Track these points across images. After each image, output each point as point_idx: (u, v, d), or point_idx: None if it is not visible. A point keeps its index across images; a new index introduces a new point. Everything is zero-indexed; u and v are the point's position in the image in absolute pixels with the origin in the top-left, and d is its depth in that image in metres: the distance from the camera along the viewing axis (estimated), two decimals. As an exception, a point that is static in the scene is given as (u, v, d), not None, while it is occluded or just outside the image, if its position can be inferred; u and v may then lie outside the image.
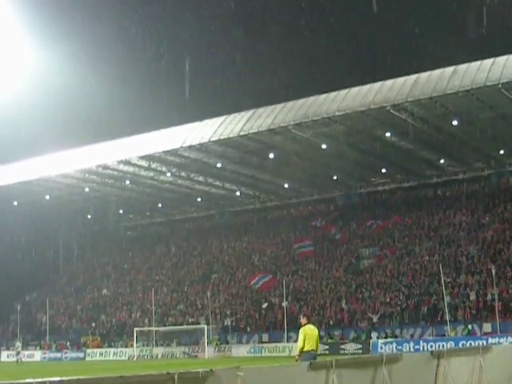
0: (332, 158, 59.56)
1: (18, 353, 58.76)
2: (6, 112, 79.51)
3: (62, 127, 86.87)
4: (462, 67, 46.25)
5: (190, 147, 56.75)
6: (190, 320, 62.76)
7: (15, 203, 72.14)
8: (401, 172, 66.18)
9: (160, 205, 78.87)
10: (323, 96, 51.85)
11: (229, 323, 59.82)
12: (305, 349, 17.48)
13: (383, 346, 47.30)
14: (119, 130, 75.67)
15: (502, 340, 40.71)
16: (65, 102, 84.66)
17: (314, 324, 18.54)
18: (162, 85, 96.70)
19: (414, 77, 48.19)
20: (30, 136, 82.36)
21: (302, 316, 18.89)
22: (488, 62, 45.33)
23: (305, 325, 18.02)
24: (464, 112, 48.93)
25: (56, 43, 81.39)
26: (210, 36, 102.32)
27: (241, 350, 55.01)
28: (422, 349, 44.00)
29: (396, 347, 46.32)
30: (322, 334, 53.16)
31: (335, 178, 66.58)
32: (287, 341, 53.66)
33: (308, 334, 17.74)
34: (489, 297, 48.30)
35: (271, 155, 57.78)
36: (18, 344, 60.49)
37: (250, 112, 54.52)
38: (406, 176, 67.06)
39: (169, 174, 64.45)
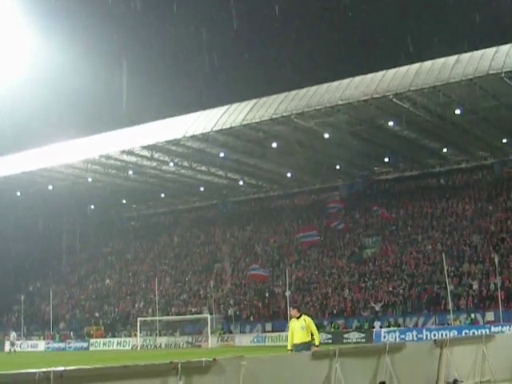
0: (335, 147, 59.45)
1: (12, 343, 58.73)
2: (9, 102, 79.64)
3: (64, 117, 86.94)
4: (465, 56, 46.11)
5: (193, 137, 56.70)
6: (193, 310, 62.96)
7: (18, 193, 72.16)
8: (404, 161, 66.08)
9: (163, 195, 78.86)
10: (326, 85, 51.74)
11: (232, 313, 59.95)
12: (294, 342, 17.20)
13: (386, 334, 47.42)
14: (122, 119, 75.82)
15: (504, 329, 40.86)
16: (67, 91, 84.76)
17: (308, 315, 18.05)
18: (165, 74, 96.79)
19: (416, 66, 48.06)
20: (33, 126, 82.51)
21: (291, 308, 18.67)
22: (491, 50, 45.18)
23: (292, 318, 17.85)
24: (467, 101, 48.82)
25: (58, 33, 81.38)
26: (212, 26, 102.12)
27: (244, 340, 55.17)
28: (424, 337, 44.13)
29: (399, 336, 46.44)
30: (325, 323, 53.41)
31: (338, 167, 66.49)
32: (290, 330, 53.74)
33: (292, 327, 17.52)
34: (492, 286, 48.35)
35: (274, 145, 57.69)
36: (13, 334, 60.52)
37: (253, 101, 54.42)
38: (409, 165, 66.97)
39: (171, 164, 64.38)
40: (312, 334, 17.27)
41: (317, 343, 17.10)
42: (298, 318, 17.49)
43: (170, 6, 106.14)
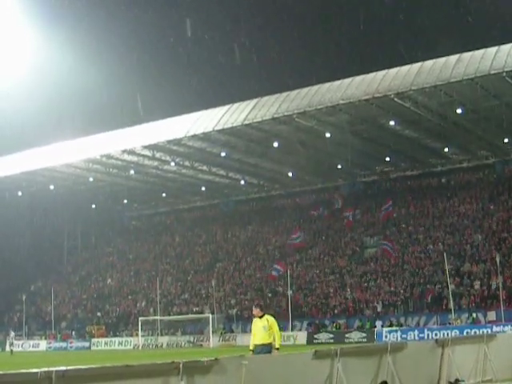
0: (336, 146, 59.44)
1: (11, 343, 58.55)
2: (9, 102, 79.59)
3: (65, 117, 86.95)
4: (466, 55, 46.09)
5: (194, 136, 56.71)
6: (194, 309, 62.96)
7: (19, 193, 72.15)
8: (405, 160, 66.07)
9: (164, 194, 78.92)
10: (327, 85, 51.74)
11: (233, 312, 59.94)
12: (254, 342, 16.26)
13: (388, 334, 47.37)
14: (123, 119, 75.75)
15: (506, 328, 40.76)
16: (68, 91, 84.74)
17: (271, 315, 17.18)
18: (166, 74, 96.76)
19: (418, 65, 48.04)
20: (34, 126, 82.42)
21: (254, 307, 17.17)
22: (492, 50, 45.16)
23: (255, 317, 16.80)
24: (468, 100, 48.78)
25: (59, 33, 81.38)
26: (214, 24, 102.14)
27: (245, 339, 54.94)
28: (426, 337, 44.07)
29: (401, 336, 46.37)
30: (327, 322, 53.43)
31: (339, 166, 66.48)
32: (292, 329, 53.80)
33: (253, 327, 16.63)
34: (493, 285, 48.32)
35: (275, 144, 57.69)
36: (12, 334, 60.40)
37: (254, 101, 54.42)
38: (411, 164, 66.95)
39: (173, 164, 64.41)
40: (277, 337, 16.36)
41: (277, 345, 16.14)
42: (260, 317, 16.53)
43: (171, 6, 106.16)
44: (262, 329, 16.30)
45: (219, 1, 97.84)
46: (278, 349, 16.07)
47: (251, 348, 16.30)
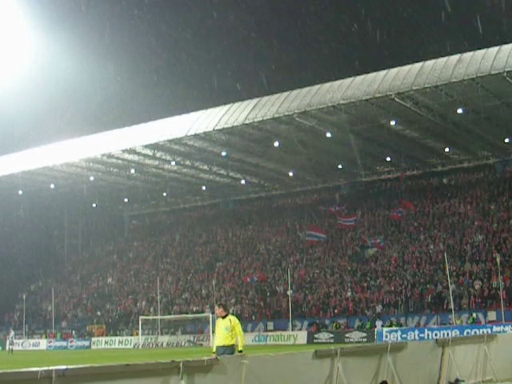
0: (337, 146, 59.47)
1: (11, 342, 58.40)
2: (10, 101, 79.65)
3: (66, 116, 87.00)
4: (467, 55, 46.11)
5: (195, 136, 56.72)
6: (194, 308, 62.93)
7: (20, 192, 72.14)
8: (406, 160, 66.01)
9: (165, 194, 78.88)
10: (328, 84, 51.73)
11: (234, 312, 59.90)
12: (216, 344, 15.79)
13: (388, 334, 47.35)
14: (124, 118, 75.82)
15: (506, 328, 40.77)
16: (69, 90, 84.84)
17: (233, 315, 16.61)
18: (167, 73, 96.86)
19: (418, 65, 48.05)
20: (34, 125, 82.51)
21: (217, 307, 16.65)
22: (493, 50, 45.18)
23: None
24: (469, 100, 48.80)
25: (59, 33, 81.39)
26: (215, 25, 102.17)
27: (246, 339, 55.01)
28: (426, 337, 44.06)
29: (401, 335, 46.36)
30: (327, 322, 53.42)
31: (340, 166, 66.50)
32: (292, 329, 53.82)
33: (216, 327, 16.14)
34: (493, 285, 48.33)
35: (276, 144, 57.69)
36: (12, 333, 60.33)
37: (255, 101, 54.44)
38: (411, 164, 66.92)
39: (173, 163, 64.41)
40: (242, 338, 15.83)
41: (240, 347, 15.50)
42: (223, 317, 15.96)
43: (171, 6, 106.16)
44: (225, 330, 15.76)
45: (219, 1, 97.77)
46: (241, 351, 15.34)
47: (214, 350, 15.71)
